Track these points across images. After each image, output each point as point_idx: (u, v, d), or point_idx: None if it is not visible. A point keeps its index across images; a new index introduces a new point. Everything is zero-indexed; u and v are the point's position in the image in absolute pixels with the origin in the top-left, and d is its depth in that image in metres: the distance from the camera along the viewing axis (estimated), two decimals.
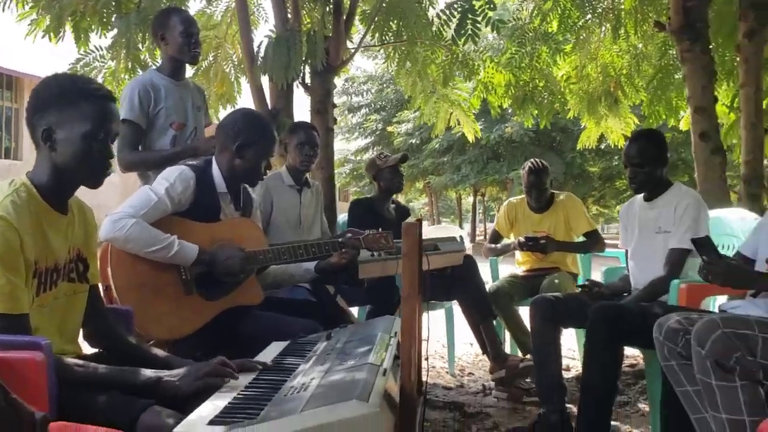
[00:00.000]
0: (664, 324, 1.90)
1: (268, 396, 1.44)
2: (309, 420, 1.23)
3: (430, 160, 24.04)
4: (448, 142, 22.26)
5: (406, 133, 23.47)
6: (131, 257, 2.19)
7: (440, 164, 24.28)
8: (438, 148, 23.02)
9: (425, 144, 23.00)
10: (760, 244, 2.48)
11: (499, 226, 4.27)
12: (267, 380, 1.59)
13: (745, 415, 1.50)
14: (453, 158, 23.82)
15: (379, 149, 26.35)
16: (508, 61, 5.93)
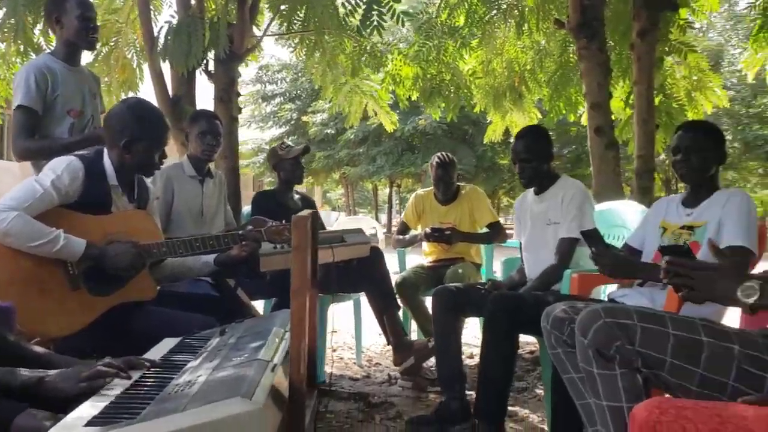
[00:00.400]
0: (550, 313, 1.97)
1: (151, 395, 1.40)
2: (190, 419, 1.20)
3: (346, 150, 24.07)
4: (364, 133, 22.36)
5: (321, 123, 23.40)
6: (13, 251, 2.08)
7: (356, 155, 24.35)
8: (353, 139, 23.08)
9: (341, 135, 23.00)
10: (647, 235, 2.62)
11: (407, 217, 4.31)
12: (153, 378, 1.54)
13: (624, 402, 1.57)
14: (368, 149, 23.93)
15: (293, 139, 26.17)
16: (416, 54, 5.99)
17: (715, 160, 2.42)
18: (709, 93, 6.42)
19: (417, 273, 3.97)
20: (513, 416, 3.07)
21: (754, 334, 1.66)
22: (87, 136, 2.84)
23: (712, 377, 1.52)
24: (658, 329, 1.55)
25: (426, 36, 5.96)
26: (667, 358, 1.53)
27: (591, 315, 1.61)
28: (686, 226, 2.43)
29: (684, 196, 2.53)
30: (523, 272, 3.17)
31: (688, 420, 1.24)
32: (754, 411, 1.24)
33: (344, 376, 3.84)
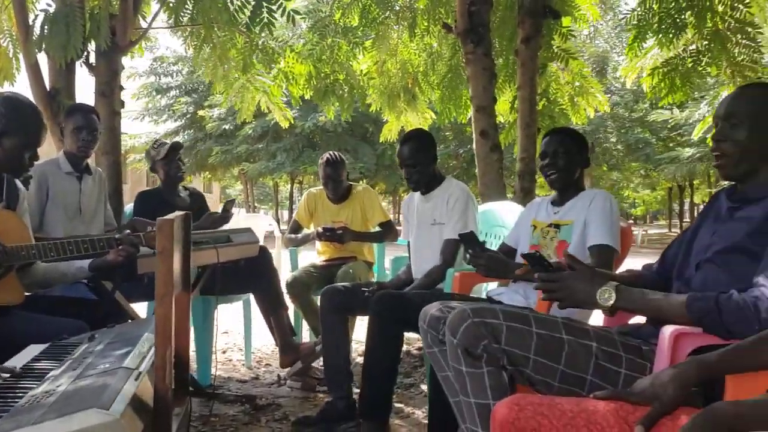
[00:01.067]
0: (427, 312, 2.02)
1: (5, 406, 1.33)
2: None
3: (245, 146, 23.62)
4: (263, 129, 22.03)
5: (218, 118, 22.83)
6: None
7: (255, 151, 23.95)
8: (252, 134, 22.68)
9: (239, 130, 22.53)
10: (520, 234, 2.74)
11: (299, 216, 4.29)
12: (9, 388, 1.46)
13: (490, 399, 1.63)
14: (268, 145, 23.60)
15: (190, 133, 25.43)
16: (309, 52, 5.97)
17: (579, 164, 2.57)
18: (590, 98, 6.77)
19: (308, 272, 3.95)
20: (399, 413, 3.13)
21: (612, 331, 1.77)
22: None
23: (572, 373, 1.61)
24: (522, 328, 1.62)
25: (320, 35, 5.95)
26: (531, 355, 1.60)
27: (460, 315, 1.66)
28: (553, 224, 2.56)
29: (554, 197, 2.67)
30: (410, 271, 3.23)
31: (544, 416, 1.30)
32: (603, 405, 1.31)
33: (232, 378, 3.78)
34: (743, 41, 5.25)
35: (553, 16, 5.29)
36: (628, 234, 2.59)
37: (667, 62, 5.43)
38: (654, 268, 2.01)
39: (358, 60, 6.51)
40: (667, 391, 1.27)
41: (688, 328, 1.58)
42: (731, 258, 1.63)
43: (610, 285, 1.64)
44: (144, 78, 24.37)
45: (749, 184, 1.70)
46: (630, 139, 24.89)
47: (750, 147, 1.64)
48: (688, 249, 1.82)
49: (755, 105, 1.65)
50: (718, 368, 1.32)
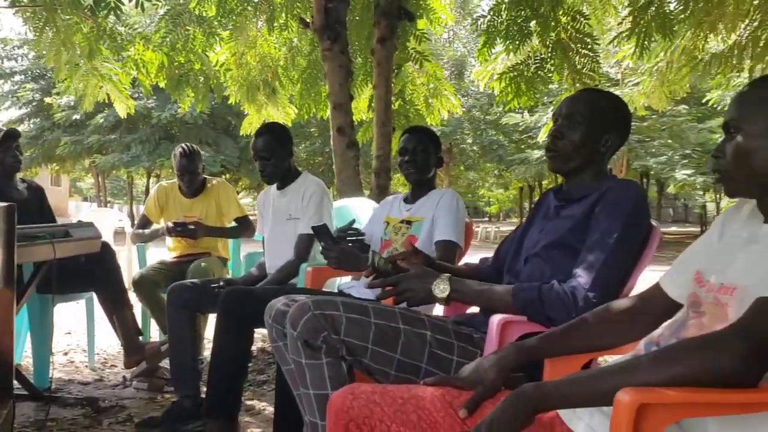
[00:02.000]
0: (273, 307, 2.02)
1: None
2: None
3: (96, 136, 22.31)
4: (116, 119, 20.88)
5: (68, 107, 21.40)
6: None
7: (107, 142, 22.70)
8: (104, 124, 21.48)
9: (90, 119, 21.25)
10: (374, 230, 2.81)
11: (148, 210, 4.11)
12: None
13: (329, 389, 1.66)
14: (122, 136, 22.46)
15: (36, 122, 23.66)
16: (162, 40, 5.73)
17: (435, 163, 2.69)
18: (444, 100, 7.03)
19: (157, 269, 3.81)
20: (250, 410, 3.10)
21: (447, 320, 1.86)
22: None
23: (408, 361, 1.67)
24: (361, 319, 1.66)
25: (174, 23, 5.73)
26: (369, 345, 1.65)
27: (300, 308, 1.67)
28: (405, 220, 2.66)
29: (406, 194, 2.76)
30: (263, 267, 3.20)
31: (376, 403, 1.34)
32: (431, 391, 1.38)
33: (73, 380, 3.58)
34: (583, 51, 5.66)
35: (408, 18, 5.42)
36: (470, 230, 2.73)
37: (513, 68, 5.75)
38: (489, 261, 2.14)
39: (216, 51, 6.33)
40: (489, 376, 1.35)
41: (514, 316, 1.70)
42: (555, 252, 1.77)
43: (444, 277, 1.72)
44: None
45: (574, 184, 1.85)
46: (485, 140, 26.12)
47: (582, 147, 1.79)
48: (519, 244, 1.95)
49: (592, 109, 1.80)
50: (536, 352, 1.42)
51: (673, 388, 0.99)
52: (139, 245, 4.15)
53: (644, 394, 0.97)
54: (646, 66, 8.05)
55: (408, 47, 6.02)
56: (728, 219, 1.32)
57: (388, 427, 1.31)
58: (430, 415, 1.32)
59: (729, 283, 1.14)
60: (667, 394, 0.98)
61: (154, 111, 21.24)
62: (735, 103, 1.21)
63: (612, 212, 1.68)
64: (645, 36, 5.36)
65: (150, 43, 5.70)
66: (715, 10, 5.89)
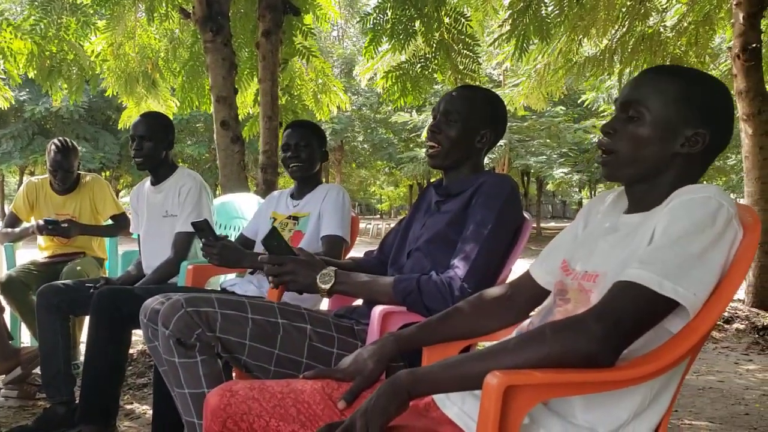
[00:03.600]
0: (148, 306, 1.94)
1: None
2: None
3: None
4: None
5: None
6: None
7: None
8: None
9: None
10: (260, 225, 2.77)
11: (16, 207, 3.85)
12: None
13: (205, 387, 1.61)
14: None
15: None
16: (32, 28, 5.38)
17: (320, 157, 2.68)
18: (333, 96, 7.04)
19: (28, 271, 3.58)
20: (129, 414, 2.99)
21: (328, 314, 1.86)
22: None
23: (287, 356, 1.65)
24: (237, 315, 1.63)
25: (43, 10, 5.38)
26: (247, 341, 1.62)
27: (172, 306, 1.62)
28: (292, 216, 2.64)
29: (293, 190, 2.74)
30: (141, 266, 3.08)
31: (254, 399, 1.32)
32: (311, 385, 1.37)
33: None
34: (464, 51, 5.83)
35: (293, 13, 5.39)
36: (356, 225, 2.75)
37: (398, 66, 5.84)
38: (374, 255, 2.16)
39: (91, 41, 6.01)
40: (368, 366, 1.37)
41: (395, 307, 1.72)
42: (435, 247, 1.82)
43: (330, 269, 1.73)
44: None
45: (453, 179, 1.90)
46: (375, 139, 26.39)
47: (459, 142, 1.85)
48: (403, 238, 1.99)
49: (469, 105, 1.86)
50: (414, 341, 1.45)
51: (538, 370, 1.03)
52: (7, 245, 3.88)
53: (511, 376, 1.01)
54: (525, 68, 8.42)
55: (294, 42, 5.97)
56: (592, 209, 1.40)
57: (267, 422, 1.30)
58: (309, 408, 1.31)
59: (592, 271, 1.21)
60: (533, 375, 1.03)
61: (26, 104, 19.93)
62: (636, 85, 1.22)
63: (486, 204, 1.75)
64: (523, 38, 5.61)
65: (19, 30, 5.32)
66: (588, 15, 6.25)
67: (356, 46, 27.37)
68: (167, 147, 2.97)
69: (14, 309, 3.48)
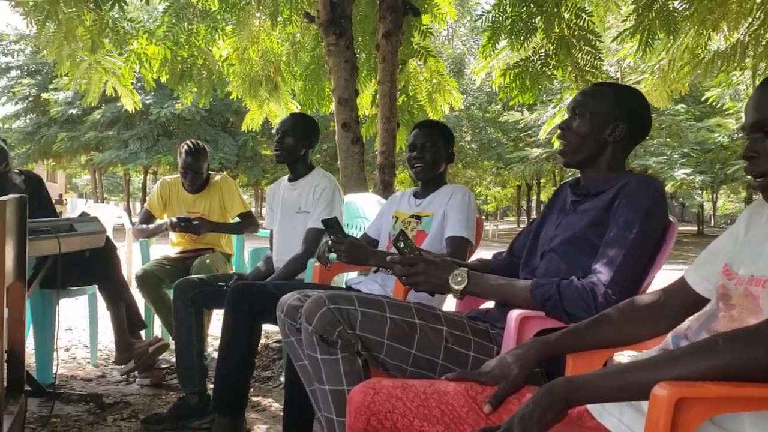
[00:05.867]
0: (285, 302, 1.99)
1: None
2: None
3: (93, 133, 22.21)
4: (114, 115, 20.84)
5: (65, 102, 21.33)
6: None
7: (104, 138, 22.60)
8: (102, 120, 21.38)
9: (87, 115, 21.16)
10: (383, 225, 2.79)
11: (151, 205, 4.08)
12: None
13: (345, 385, 1.63)
14: (119, 133, 22.36)
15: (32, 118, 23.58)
16: (165, 34, 5.70)
17: (445, 158, 2.66)
18: (447, 95, 7.01)
19: (161, 265, 3.78)
20: (255, 406, 3.08)
21: (462, 316, 1.84)
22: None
23: (424, 357, 1.65)
24: (376, 314, 1.64)
25: (177, 17, 5.70)
26: (385, 340, 1.63)
27: (315, 302, 1.65)
28: (415, 215, 2.63)
29: (416, 189, 2.74)
30: (270, 262, 3.17)
31: (398, 398, 1.32)
32: (454, 386, 1.36)
33: (76, 377, 3.55)
34: (586, 48, 5.64)
35: (413, 13, 5.42)
36: (481, 226, 2.71)
37: (518, 64, 5.73)
38: (503, 256, 2.11)
39: (218, 45, 6.30)
40: (512, 371, 1.33)
41: (532, 312, 1.67)
42: (572, 248, 1.75)
43: (463, 270, 1.71)
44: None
45: (590, 178, 1.83)
46: (483, 138, 26.11)
47: (586, 137, 1.78)
48: (535, 239, 1.93)
49: (595, 99, 1.79)
50: (559, 347, 1.41)
51: (712, 382, 0.97)
52: (142, 241, 4.13)
53: (683, 388, 0.95)
54: (647, 64, 8.04)
55: (412, 42, 5.99)
56: (754, 214, 1.32)
57: (411, 422, 1.30)
58: (454, 410, 1.30)
59: (760, 275, 1.14)
60: (707, 388, 0.96)
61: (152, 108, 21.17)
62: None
63: (630, 206, 1.67)
64: (648, 33, 5.34)
65: (153, 37, 5.66)
66: (719, 8, 5.87)
67: (465, 46, 27.21)
68: (307, 146, 3.07)
69: (148, 301, 3.68)
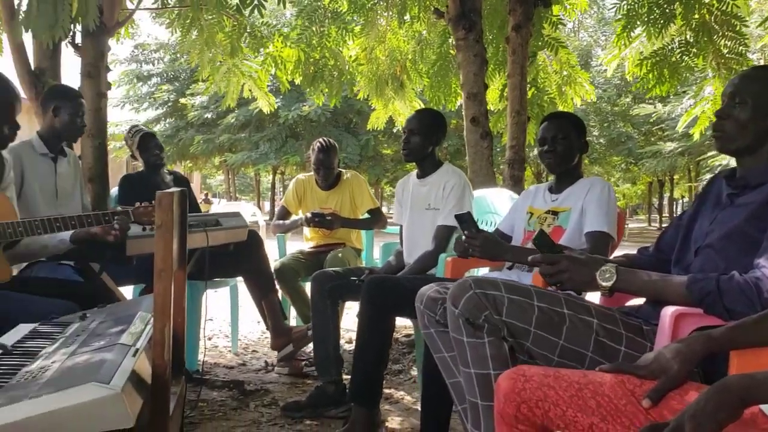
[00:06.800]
0: (424, 293, 2.01)
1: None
2: (38, 407, 1.12)
3: (227, 135, 23.40)
4: (246, 118, 21.85)
5: (201, 106, 22.61)
6: None
7: (237, 140, 23.74)
8: (235, 123, 22.48)
9: (221, 118, 22.33)
10: (516, 220, 2.73)
11: (287, 202, 4.25)
12: (2, 366, 1.43)
13: (491, 369, 1.63)
14: (251, 135, 23.41)
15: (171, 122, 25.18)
16: (299, 37, 5.91)
17: (578, 149, 2.56)
18: (578, 88, 6.79)
19: (297, 259, 3.93)
20: (388, 398, 3.12)
21: (613, 310, 1.77)
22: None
23: (572, 348, 1.60)
24: (523, 301, 1.62)
25: (309, 20, 5.89)
26: (531, 328, 1.60)
27: (462, 286, 1.66)
28: (551, 210, 2.55)
29: (550, 184, 2.66)
30: (401, 257, 3.21)
31: (550, 387, 1.30)
32: (610, 378, 1.31)
33: (219, 364, 3.75)
34: (729, 33, 5.28)
35: (543, 4, 5.30)
36: (622, 221, 2.60)
37: (655, 53, 5.45)
38: (650, 251, 2.01)
39: (347, 46, 6.45)
40: (673, 366, 1.27)
41: (688, 308, 1.58)
42: (730, 244, 1.64)
43: (611, 265, 1.64)
44: (125, 65, 24.12)
45: (749, 168, 1.70)
46: (612, 133, 25.02)
47: (749, 127, 1.66)
48: (687, 234, 1.82)
49: (758, 85, 1.66)
50: (725, 343, 1.32)
51: None
52: (279, 235, 4.30)
53: None
54: None
55: (543, 34, 5.85)
56: None
57: (563, 411, 1.27)
58: (611, 402, 1.25)
59: None
60: None
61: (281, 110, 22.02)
62: None
63: None
64: None
65: (288, 39, 5.89)
66: None
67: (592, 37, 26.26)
68: (434, 143, 3.06)
69: (285, 293, 3.83)
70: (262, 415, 2.86)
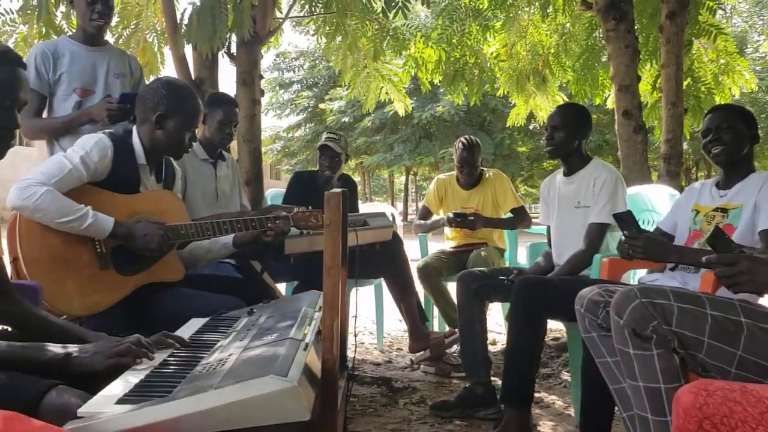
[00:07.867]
0: (585, 296, 1.92)
1: (182, 373, 1.39)
2: (223, 397, 1.18)
3: (363, 138, 23.95)
4: (381, 121, 22.23)
5: (338, 111, 23.29)
6: (42, 227, 2.04)
7: (373, 143, 24.24)
8: (370, 126, 22.95)
9: (358, 122, 22.88)
10: (679, 219, 2.56)
11: (428, 202, 4.26)
12: (183, 357, 1.53)
13: (661, 383, 1.53)
14: (386, 137, 23.80)
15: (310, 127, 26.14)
16: (439, 36, 5.92)
17: (747, 140, 2.35)
18: (737, 76, 6.29)
19: (439, 258, 3.93)
20: (538, 402, 3.04)
21: None
22: (78, 113, 2.84)
23: (753, 359, 1.48)
24: (695, 310, 1.51)
25: (450, 18, 5.89)
26: (705, 339, 1.50)
27: (626, 295, 1.57)
28: (720, 208, 2.37)
29: (718, 179, 2.47)
30: (549, 257, 3.11)
31: (736, 402, 1.20)
32: None
33: (366, 360, 3.83)
34: None
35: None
36: None
37: None
38: None
39: (488, 42, 6.39)
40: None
41: None
42: None
43: None
44: (267, 73, 25.33)
45: None
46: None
47: None
48: None
49: None
50: None
51: None
52: (421, 235, 4.32)
53: None
54: None
55: (699, 21, 5.48)
56: None
57: (753, 429, 1.16)
58: None
59: None
60: None
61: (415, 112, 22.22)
62: None
63: None
64: None
65: (429, 40, 5.93)
66: None
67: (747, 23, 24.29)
68: (580, 137, 2.93)
69: (428, 292, 3.84)
70: (412, 413, 2.88)
